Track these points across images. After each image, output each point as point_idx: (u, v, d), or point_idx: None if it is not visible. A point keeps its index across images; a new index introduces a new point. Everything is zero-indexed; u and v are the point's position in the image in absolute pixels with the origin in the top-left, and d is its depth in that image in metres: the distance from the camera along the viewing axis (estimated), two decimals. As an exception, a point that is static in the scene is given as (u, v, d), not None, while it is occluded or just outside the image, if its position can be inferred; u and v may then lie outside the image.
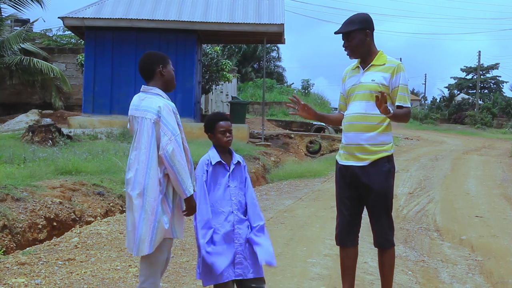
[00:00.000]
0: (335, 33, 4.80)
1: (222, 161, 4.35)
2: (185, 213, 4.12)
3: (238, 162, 4.44)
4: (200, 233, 4.20)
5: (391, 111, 4.49)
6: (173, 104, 4.15)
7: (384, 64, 4.70)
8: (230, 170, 4.36)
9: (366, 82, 4.70)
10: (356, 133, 4.69)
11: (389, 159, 4.71)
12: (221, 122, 4.40)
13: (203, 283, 4.27)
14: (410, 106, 4.71)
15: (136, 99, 4.18)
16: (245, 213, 4.36)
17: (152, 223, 3.98)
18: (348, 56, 4.84)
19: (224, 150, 4.42)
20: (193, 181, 4.13)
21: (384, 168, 4.67)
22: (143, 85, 4.23)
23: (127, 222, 4.15)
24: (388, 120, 4.67)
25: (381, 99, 4.37)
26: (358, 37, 4.70)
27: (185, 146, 4.12)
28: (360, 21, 4.71)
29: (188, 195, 4.00)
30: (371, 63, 4.73)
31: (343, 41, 4.79)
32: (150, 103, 4.07)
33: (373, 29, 4.78)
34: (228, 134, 4.40)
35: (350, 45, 4.75)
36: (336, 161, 4.91)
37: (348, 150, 4.76)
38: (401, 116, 4.65)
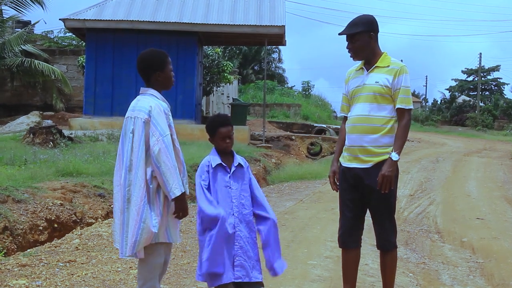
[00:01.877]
0: (339, 34, 4.79)
1: (223, 163, 4.35)
2: (175, 215, 4.08)
3: (240, 165, 4.43)
4: (200, 231, 4.21)
5: (394, 158, 4.54)
6: (165, 105, 4.14)
7: (388, 66, 4.68)
8: (231, 172, 4.36)
9: (370, 84, 4.69)
10: (359, 135, 4.68)
11: None
12: (221, 128, 4.37)
13: (208, 283, 4.28)
14: (411, 107, 4.69)
15: (134, 101, 4.18)
16: (250, 213, 4.35)
17: (137, 224, 3.94)
18: (351, 58, 4.83)
19: (226, 153, 4.42)
20: (184, 183, 4.10)
21: None
22: (141, 87, 4.25)
23: (126, 227, 4.10)
24: (392, 122, 4.66)
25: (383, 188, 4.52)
26: (362, 39, 4.68)
27: (176, 147, 4.10)
28: (364, 23, 4.69)
29: (173, 197, 3.95)
30: (375, 65, 4.71)
31: (347, 43, 4.78)
32: (143, 103, 4.07)
33: (378, 31, 4.76)
34: (228, 140, 4.38)
35: (354, 47, 4.73)
36: (340, 163, 4.90)
37: (351, 152, 4.75)
38: (403, 139, 4.65)
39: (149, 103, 4.05)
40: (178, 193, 3.94)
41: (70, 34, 29.15)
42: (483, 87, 67.21)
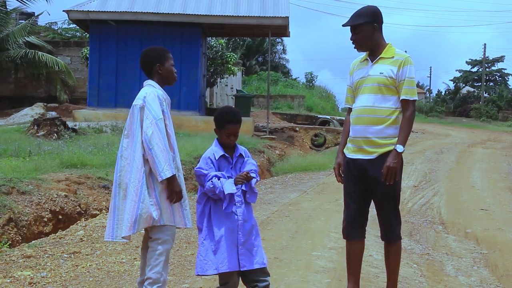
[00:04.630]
0: (343, 25, 4.77)
1: (226, 154, 4.37)
2: (168, 199, 4.15)
3: (241, 155, 4.45)
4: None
5: (399, 150, 4.52)
6: (161, 92, 4.28)
7: (393, 57, 4.67)
8: (233, 163, 4.38)
9: (374, 75, 4.67)
10: (364, 126, 4.67)
11: None
12: (230, 125, 4.36)
13: (200, 271, 4.30)
14: (416, 98, 4.67)
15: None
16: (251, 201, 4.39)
17: (136, 204, 4.06)
18: (355, 49, 4.82)
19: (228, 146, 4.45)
20: (174, 167, 4.17)
21: None
22: (144, 81, 4.41)
23: (116, 211, 4.18)
24: (396, 113, 4.64)
25: (388, 179, 4.49)
26: (366, 30, 4.66)
27: (169, 132, 4.21)
28: (368, 15, 4.68)
29: (163, 178, 4.04)
30: (380, 56, 4.70)
31: (351, 34, 4.76)
32: (141, 92, 4.28)
33: (382, 23, 4.74)
34: (232, 138, 4.39)
35: (358, 38, 4.72)
36: (344, 154, 4.89)
37: (356, 143, 4.74)
38: (408, 130, 4.62)
39: (145, 91, 4.25)
40: (169, 174, 4.05)
41: (74, 25, 29.13)
42: (487, 78, 66.93)
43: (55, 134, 14.24)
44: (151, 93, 4.19)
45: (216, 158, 4.34)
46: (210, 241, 4.26)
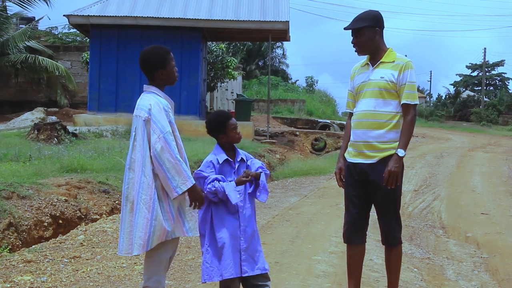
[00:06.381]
0: (345, 29, 4.78)
1: (229, 159, 4.37)
2: (191, 206, 4.07)
3: (242, 159, 4.45)
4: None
5: (401, 154, 4.54)
6: (165, 102, 4.12)
7: (394, 61, 4.67)
8: (236, 168, 4.38)
9: (375, 79, 4.68)
10: (364, 130, 4.67)
11: None
12: (231, 121, 4.43)
13: (207, 278, 4.28)
14: (417, 103, 4.68)
15: (138, 100, 4.19)
16: (252, 207, 4.39)
17: (149, 221, 3.93)
18: (356, 53, 4.83)
19: (230, 148, 4.44)
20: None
21: None
22: (144, 85, 4.24)
23: (123, 224, 4.08)
24: (397, 117, 4.65)
25: (389, 183, 4.53)
26: (367, 34, 4.67)
27: (178, 144, 4.09)
28: (370, 19, 4.69)
29: (179, 193, 3.93)
30: (381, 60, 4.71)
31: (352, 38, 4.78)
32: (144, 101, 4.08)
33: (383, 27, 4.76)
34: (237, 131, 4.44)
35: (359, 42, 4.73)
36: (345, 158, 4.89)
37: (357, 148, 4.74)
38: (409, 135, 4.63)
39: (148, 101, 4.04)
40: (185, 188, 3.93)
41: (74, 30, 29.18)
42: (487, 82, 67.01)
43: (56, 139, 14.25)
44: (155, 104, 4.02)
45: (220, 162, 4.33)
46: (214, 247, 4.25)
